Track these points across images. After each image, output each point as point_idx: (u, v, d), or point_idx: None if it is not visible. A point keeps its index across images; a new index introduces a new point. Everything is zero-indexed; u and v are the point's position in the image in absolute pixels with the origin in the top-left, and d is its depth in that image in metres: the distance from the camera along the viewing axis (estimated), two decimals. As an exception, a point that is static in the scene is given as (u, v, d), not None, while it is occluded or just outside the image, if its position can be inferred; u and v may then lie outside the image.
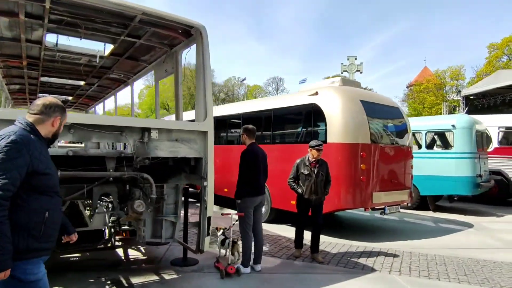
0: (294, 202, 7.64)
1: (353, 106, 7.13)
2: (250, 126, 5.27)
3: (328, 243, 6.83)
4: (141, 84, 77.65)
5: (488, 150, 12.56)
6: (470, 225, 8.91)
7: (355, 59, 57.01)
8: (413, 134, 10.99)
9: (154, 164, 4.44)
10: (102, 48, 6.01)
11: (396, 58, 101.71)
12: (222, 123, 10.85)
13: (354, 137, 6.97)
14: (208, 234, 4.60)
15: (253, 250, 5.16)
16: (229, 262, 5.06)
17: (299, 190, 5.69)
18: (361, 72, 56.85)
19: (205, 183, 4.49)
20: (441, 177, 10.38)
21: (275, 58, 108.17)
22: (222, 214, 5.41)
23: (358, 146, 6.95)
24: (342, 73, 59.48)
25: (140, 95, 76.74)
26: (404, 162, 7.85)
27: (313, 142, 5.68)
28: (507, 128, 12.58)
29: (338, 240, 7.05)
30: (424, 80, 67.03)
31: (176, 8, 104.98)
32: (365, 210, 7.08)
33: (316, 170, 5.64)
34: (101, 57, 6.20)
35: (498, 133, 12.58)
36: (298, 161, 5.79)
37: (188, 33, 4.86)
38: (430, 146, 10.85)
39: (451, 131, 10.39)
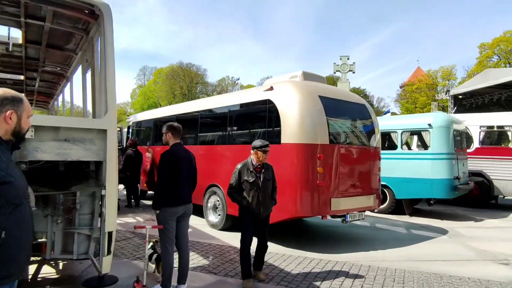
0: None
1: (310, 102, 6.35)
2: (176, 124, 4.47)
3: (281, 254, 6.05)
4: (134, 84, 76.71)
5: (469, 150, 11.85)
6: (444, 232, 8.16)
7: (348, 59, 56.24)
8: (389, 134, 10.27)
9: (47, 168, 3.65)
10: (15, 35, 5.21)
11: (390, 58, 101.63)
12: (178, 123, 10.41)
13: (310, 137, 6.19)
14: (109, 253, 3.81)
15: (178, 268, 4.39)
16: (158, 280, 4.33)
17: (244, 202, 4.64)
18: (353, 72, 56.06)
19: (103, 192, 3.70)
20: (417, 180, 9.64)
21: (271, 58, 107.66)
22: (135, 227, 4.60)
23: (314, 147, 6.18)
24: (334, 72, 58.79)
25: (132, 95, 75.85)
26: (370, 164, 7.08)
27: (257, 142, 4.67)
28: (488, 127, 11.86)
29: (292, 251, 6.27)
30: (416, 80, 66.73)
31: (171, 8, 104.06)
32: (322, 218, 6.31)
33: (262, 176, 4.66)
34: (16, 45, 5.39)
35: (479, 132, 11.85)
36: (239, 166, 4.74)
37: (94, 13, 4.06)
38: (406, 146, 10.09)
39: (428, 130, 9.64)
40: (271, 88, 6.79)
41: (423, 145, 9.84)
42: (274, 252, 6.12)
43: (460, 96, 30.48)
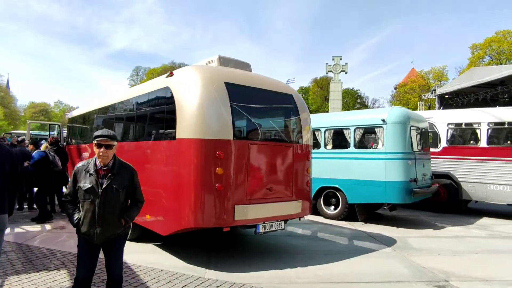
0: (149, 217, 5.77)
1: (212, 90, 5.18)
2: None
3: (167, 272, 4.87)
4: (127, 84, 75.61)
5: (436, 150, 10.67)
6: (391, 243, 6.98)
7: (340, 59, 55.04)
8: (342, 131, 9.09)
9: None
10: None
11: (386, 60, 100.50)
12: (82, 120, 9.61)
13: (208, 131, 5.02)
14: None
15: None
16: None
17: (74, 219, 3.28)
18: (346, 73, 54.83)
19: None
20: (370, 182, 8.46)
21: (267, 60, 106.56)
22: None
23: (213, 143, 5.00)
24: (327, 73, 57.70)
25: (125, 95, 74.75)
26: (294, 165, 5.90)
27: (98, 132, 3.35)
28: (456, 124, 10.66)
29: (188, 269, 5.07)
30: (409, 81, 65.78)
31: (169, 9, 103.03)
32: (223, 230, 5.12)
33: (106, 182, 3.24)
34: None
35: (447, 130, 10.66)
36: (78, 165, 3.41)
37: None
38: (359, 145, 8.92)
39: (381, 126, 8.46)
40: (171, 74, 5.63)
41: (377, 143, 8.68)
42: (161, 268, 4.95)
43: (447, 96, 29.31)
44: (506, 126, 9.90)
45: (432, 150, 10.76)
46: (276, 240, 6.99)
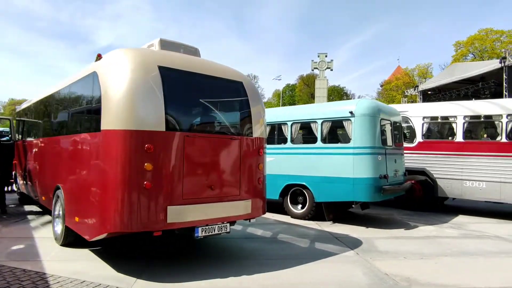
0: (77, 220, 5.04)
1: (142, 74, 4.47)
2: None
3: (95, 284, 4.17)
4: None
5: (412, 145, 10.14)
6: (356, 245, 6.38)
7: (326, 56, 54.77)
8: (309, 125, 8.46)
9: None
10: None
11: (373, 58, 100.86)
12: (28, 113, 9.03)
13: (135, 121, 4.31)
14: None
15: None
16: None
17: None
18: (331, 70, 54.60)
19: None
20: (338, 179, 7.85)
21: (255, 57, 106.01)
22: None
23: (140, 135, 4.30)
24: (312, 70, 57.31)
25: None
26: (242, 160, 5.23)
27: None
28: (432, 118, 10.14)
29: (114, 279, 4.39)
30: (394, 78, 65.94)
31: (156, 5, 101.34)
32: (153, 235, 4.42)
33: None
34: None
35: (423, 124, 10.13)
36: None
37: None
38: (326, 139, 8.30)
39: (349, 119, 7.84)
40: (99, 57, 4.90)
41: (345, 137, 8.07)
42: (84, 279, 4.25)
43: (429, 92, 29.02)
44: (483, 119, 9.41)
45: (407, 145, 10.24)
46: (229, 244, 6.32)
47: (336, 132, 8.83)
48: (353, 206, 8.08)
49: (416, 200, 10.15)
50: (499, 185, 8.90)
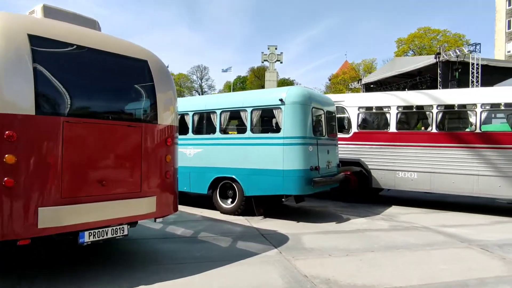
0: None
1: (3, 44, 3.53)
2: None
3: None
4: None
5: (347, 135, 9.90)
6: (282, 242, 5.89)
7: (275, 48, 54.60)
8: (238, 113, 7.82)
9: None
10: None
11: (322, 52, 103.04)
12: None
13: (-9, 102, 3.39)
14: None
15: None
16: None
17: None
18: (281, 62, 54.69)
19: None
20: (267, 171, 7.32)
21: (207, 48, 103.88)
22: None
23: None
24: (262, 62, 57.05)
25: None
26: (143, 151, 4.47)
27: None
28: (367, 108, 9.97)
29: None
30: (341, 72, 67.76)
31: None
32: (18, 244, 3.55)
33: None
34: None
35: (358, 114, 9.93)
36: None
37: None
38: (256, 129, 7.74)
39: (279, 107, 7.33)
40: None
41: (276, 127, 7.57)
42: None
43: (372, 85, 29.78)
44: (415, 110, 9.36)
45: (343, 135, 10.00)
46: (140, 246, 5.56)
47: (266, 121, 8.31)
48: (283, 200, 7.60)
49: (352, 191, 9.97)
50: (429, 175, 8.91)
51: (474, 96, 8.63)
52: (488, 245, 5.93)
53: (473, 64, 21.07)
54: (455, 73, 21.31)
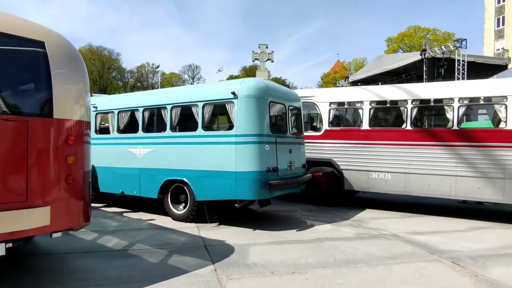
0: None
1: None
2: None
3: None
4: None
5: (318, 133, 9.08)
6: (224, 256, 5.03)
7: (266, 47, 54.00)
8: (189, 109, 6.97)
9: None
10: None
11: (315, 52, 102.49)
12: None
13: None
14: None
15: None
16: None
17: None
18: (272, 61, 54.12)
19: None
20: (219, 174, 6.48)
21: (199, 47, 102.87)
22: None
23: None
24: (253, 61, 56.46)
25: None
26: (30, 150, 3.59)
27: None
28: (339, 104, 9.14)
29: None
30: (332, 71, 67.27)
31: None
32: None
33: None
34: None
35: (329, 110, 9.10)
36: None
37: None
38: (208, 126, 6.89)
39: (232, 101, 6.48)
40: None
41: (229, 124, 6.72)
42: None
43: (359, 83, 29.03)
44: (388, 105, 8.55)
45: (314, 134, 9.18)
46: (52, 262, 4.68)
47: (219, 118, 7.46)
48: (236, 205, 6.73)
49: (323, 193, 9.15)
50: (404, 176, 8.10)
51: (451, 90, 7.82)
52: (460, 257, 5.13)
53: (459, 60, 20.38)
54: (440, 69, 20.63)
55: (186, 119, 7.18)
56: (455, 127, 7.61)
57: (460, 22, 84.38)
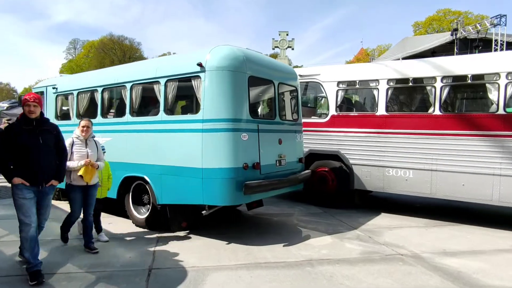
0: None
1: None
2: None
3: None
4: (63, 58, 67.77)
5: (323, 120, 7.35)
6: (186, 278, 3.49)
7: (287, 34, 51.53)
8: (151, 88, 5.41)
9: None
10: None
11: (339, 41, 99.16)
12: None
13: None
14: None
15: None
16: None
17: None
18: (292, 49, 51.63)
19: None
20: (183, 170, 4.91)
21: (222, 37, 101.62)
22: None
23: None
24: (273, 49, 54.38)
25: (62, 70, 67.20)
26: None
27: None
28: (349, 84, 7.32)
29: None
30: (355, 59, 64.14)
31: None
32: None
33: None
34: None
35: (337, 92, 7.30)
36: None
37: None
38: (171, 108, 5.30)
39: (199, 75, 4.85)
40: None
41: (195, 105, 5.14)
42: None
43: (382, 69, 26.59)
44: (411, 84, 6.66)
45: (318, 120, 7.46)
46: None
47: (186, 97, 5.86)
48: (203, 213, 5.12)
49: (330, 193, 7.43)
50: (429, 174, 6.27)
51: (497, 63, 5.87)
52: (515, 303, 3.36)
53: (496, 40, 17.79)
54: (475, 51, 18.09)
55: (148, 101, 5.65)
56: (501, 111, 5.69)
57: (496, 2, 77.75)
